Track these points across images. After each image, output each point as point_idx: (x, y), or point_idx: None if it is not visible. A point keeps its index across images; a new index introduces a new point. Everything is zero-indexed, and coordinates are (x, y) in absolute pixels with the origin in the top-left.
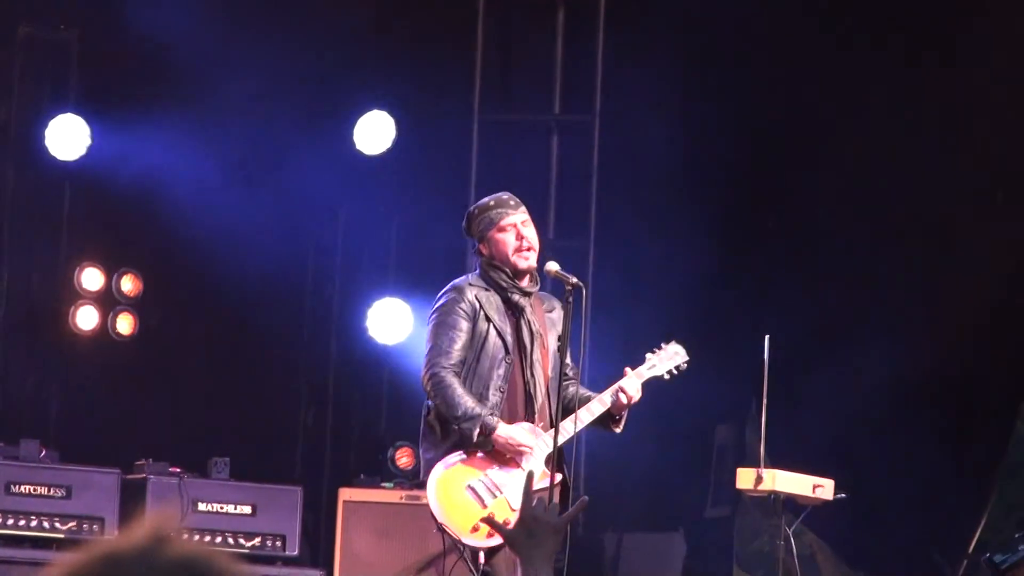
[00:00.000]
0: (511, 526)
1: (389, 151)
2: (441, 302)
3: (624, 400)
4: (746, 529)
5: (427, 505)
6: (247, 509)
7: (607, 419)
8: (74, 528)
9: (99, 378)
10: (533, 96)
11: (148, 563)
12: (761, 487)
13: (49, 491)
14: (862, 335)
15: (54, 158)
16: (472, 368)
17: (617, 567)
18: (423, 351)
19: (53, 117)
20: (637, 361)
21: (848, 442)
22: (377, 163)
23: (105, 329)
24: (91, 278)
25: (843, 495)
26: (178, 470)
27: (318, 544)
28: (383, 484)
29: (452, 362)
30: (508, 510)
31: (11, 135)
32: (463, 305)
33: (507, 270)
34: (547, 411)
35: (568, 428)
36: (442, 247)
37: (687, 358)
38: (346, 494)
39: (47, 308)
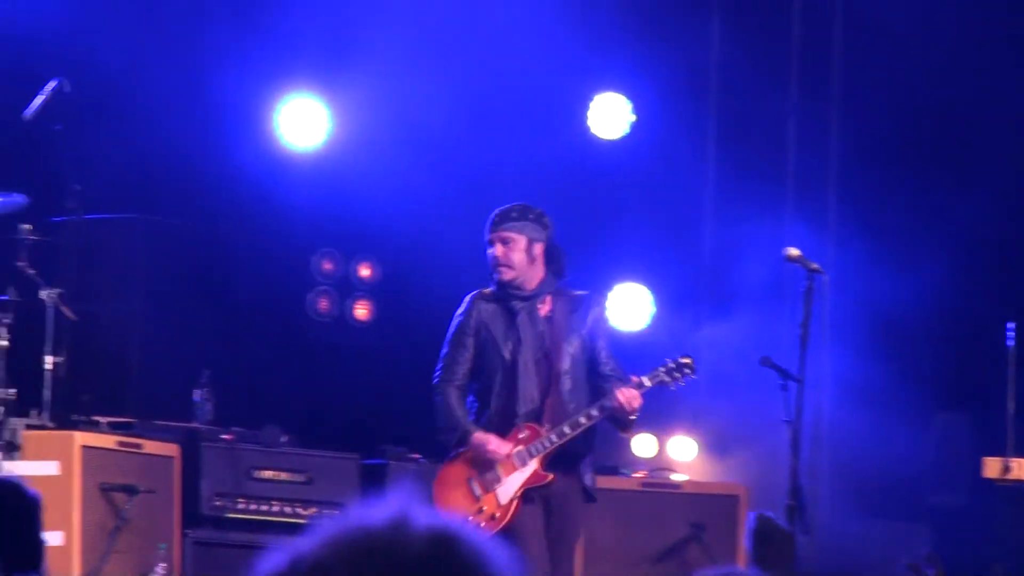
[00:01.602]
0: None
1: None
2: (456, 312)
3: (619, 404)
4: (993, 519)
5: (666, 492)
6: None
7: (617, 423)
8: (315, 514)
9: (337, 364)
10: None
11: (397, 536)
12: (1009, 476)
13: (291, 476)
14: None
15: (288, 143)
16: (478, 376)
17: (860, 554)
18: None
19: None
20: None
21: None
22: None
23: (343, 315)
24: (329, 265)
25: None
26: (418, 456)
27: None
28: (621, 472)
29: (455, 376)
30: (496, 505)
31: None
32: (468, 321)
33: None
34: (552, 411)
35: (566, 431)
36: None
37: (691, 362)
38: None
39: (286, 294)
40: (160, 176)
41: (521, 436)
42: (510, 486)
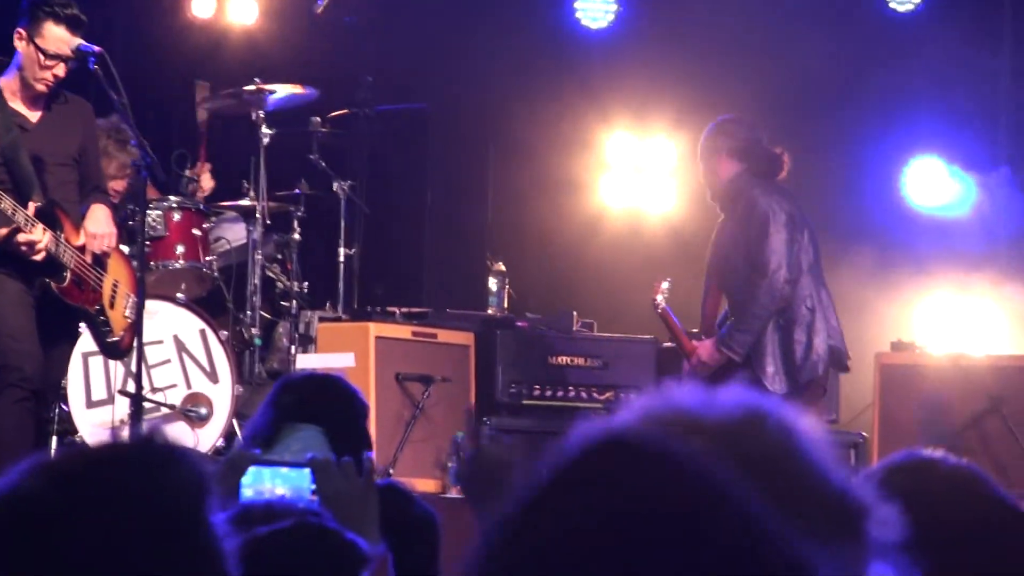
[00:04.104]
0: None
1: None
2: None
3: None
4: None
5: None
6: None
7: None
8: (611, 398)
9: (632, 258)
10: None
11: (710, 409)
12: None
13: (586, 362)
14: None
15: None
16: None
17: None
18: None
19: None
20: None
21: None
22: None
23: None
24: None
25: None
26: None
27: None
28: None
29: None
30: None
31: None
32: None
33: None
34: None
35: None
36: None
37: None
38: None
39: (578, 177)
40: (446, 65)
41: None
42: None
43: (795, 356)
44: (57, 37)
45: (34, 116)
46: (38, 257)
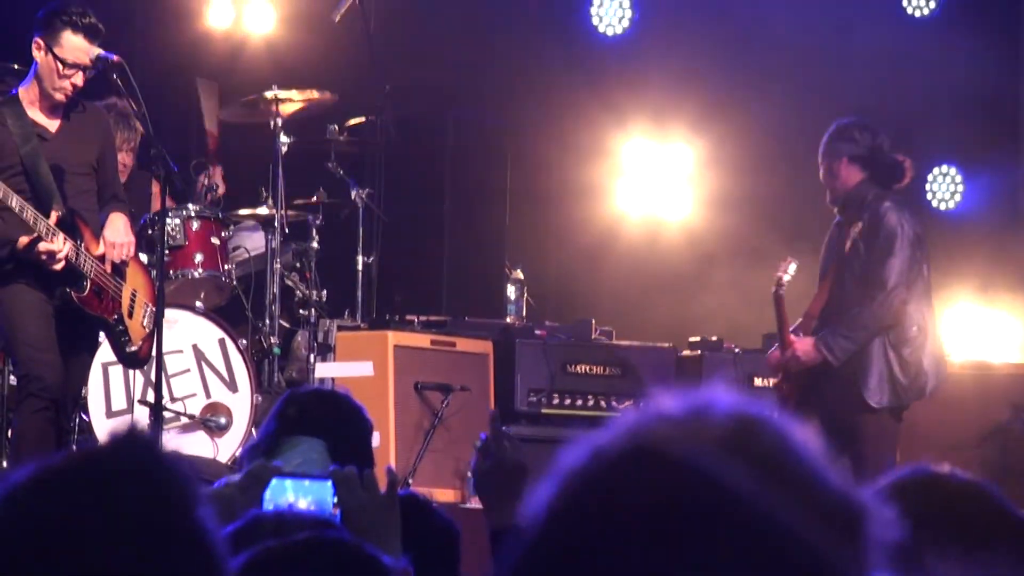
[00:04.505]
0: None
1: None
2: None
3: None
4: None
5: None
6: None
7: None
8: (630, 406)
9: (650, 265)
10: None
11: (698, 422)
12: None
13: (605, 370)
14: None
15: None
16: None
17: None
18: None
19: None
20: None
21: None
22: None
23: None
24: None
25: None
26: (733, 346)
27: None
28: None
29: None
30: None
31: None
32: None
33: None
34: None
35: None
36: None
37: None
38: None
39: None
40: (464, 72)
41: None
42: None
43: (902, 375)
44: (75, 46)
45: (53, 125)
46: (58, 266)
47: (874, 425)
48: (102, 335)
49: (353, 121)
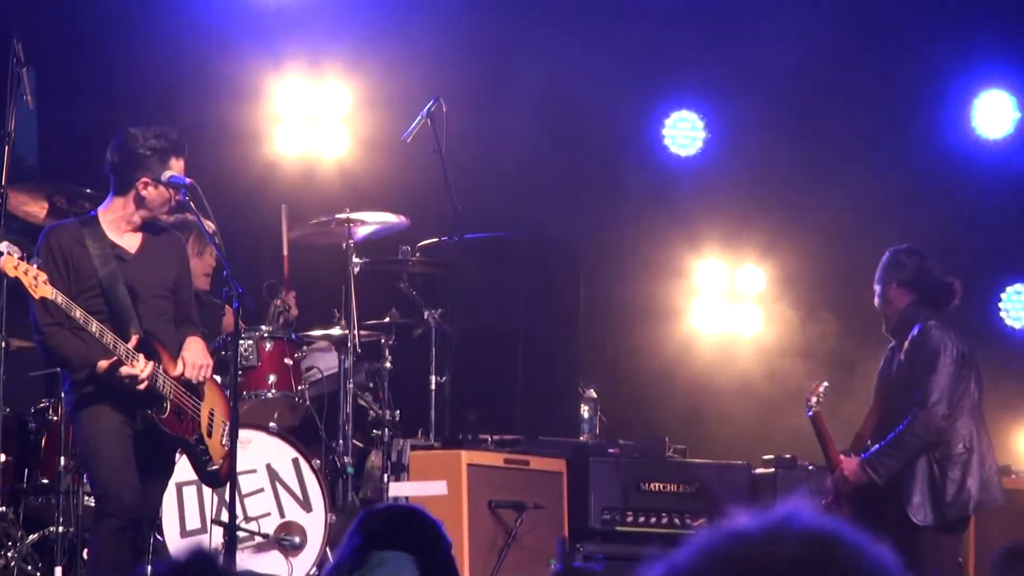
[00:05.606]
0: None
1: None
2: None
3: None
4: None
5: None
6: None
7: None
8: (704, 524)
9: (723, 375)
10: None
11: (774, 540)
12: None
13: (679, 488)
14: None
15: (674, 155)
16: None
17: None
18: None
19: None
20: None
21: None
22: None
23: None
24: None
25: None
26: (807, 463)
27: None
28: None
29: None
30: None
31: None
32: None
33: None
34: None
35: None
36: None
37: None
38: None
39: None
40: (536, 190)
41: None
42: None
43: (947, 493)
44: (180, 169)
45: (132, 247)
46: (141, 386)
47: (925, 543)
48: (180, 455)
49: (425, 242)
